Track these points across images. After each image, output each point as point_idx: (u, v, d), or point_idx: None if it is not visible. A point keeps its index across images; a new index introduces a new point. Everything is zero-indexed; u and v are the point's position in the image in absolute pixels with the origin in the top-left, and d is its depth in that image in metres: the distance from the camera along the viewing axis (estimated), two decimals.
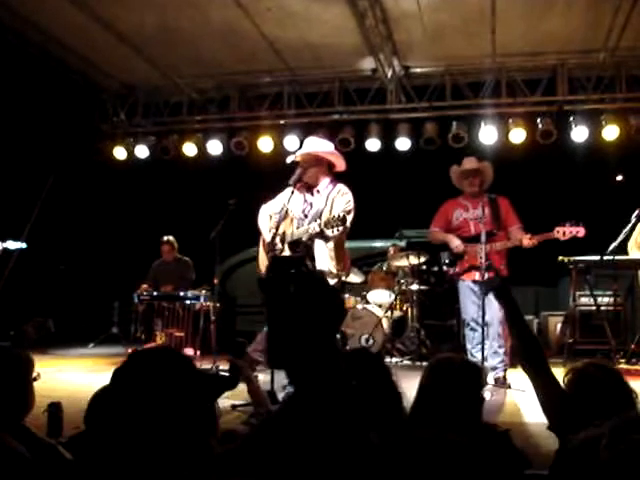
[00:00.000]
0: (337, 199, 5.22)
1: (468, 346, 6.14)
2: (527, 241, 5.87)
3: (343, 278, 5.44)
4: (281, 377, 5.22)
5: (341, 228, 4.83)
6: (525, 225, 6.24)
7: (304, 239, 5.14)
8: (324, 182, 5.35)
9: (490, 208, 6.07)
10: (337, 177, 5.50)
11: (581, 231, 5.79)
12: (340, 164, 5.48)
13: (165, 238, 8.82)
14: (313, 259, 5.12)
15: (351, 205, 5.20)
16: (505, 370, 5.99)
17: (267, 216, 5.41)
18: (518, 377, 5.79)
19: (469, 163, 6.37)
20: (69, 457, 1.97)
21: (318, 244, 5.11)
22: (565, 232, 5.79)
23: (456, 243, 6.11)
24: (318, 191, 5.32)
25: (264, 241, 5.44)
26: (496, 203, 6.18)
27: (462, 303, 6.28)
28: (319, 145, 5.49)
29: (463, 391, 2.31)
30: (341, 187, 5.32)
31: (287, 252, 5.17)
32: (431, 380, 2.38)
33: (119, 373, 1.81)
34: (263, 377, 5.09)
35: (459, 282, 6.21)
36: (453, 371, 2.36)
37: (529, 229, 6.19)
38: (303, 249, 5.17)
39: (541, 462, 2.31)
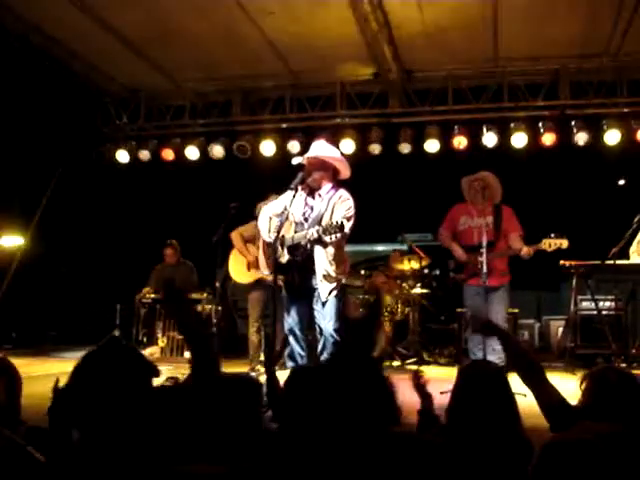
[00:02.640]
0: (338, 205, 5.22)
1: (470, 346, 6.35)
2: (525, 251, 6.02)
3: (343, 281, 5.44)
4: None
5: (339, 235, 4.84)
6: (526, 230, 6.36)
7: (302, 244, 5.16)
8: (326, 187, 5.35)
9: (493, 217, 6.28)
10: (339, 181, 5.50)
11: (564, 243, 5.93)
12: (345, 172, 5.47)
13: (168, 241, 8.83)
14: (313, 263, 5.14)
15: (351, 212, 5.21)
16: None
17: (267, 217, 5.41)
18: (518, 381, 5.78)
19: (476, 173, 6.56)
20: (41, 458, 1.96)
21: (317, 248, 5.13)
22: (551, 244, 5.94)
23: (459, 253, 6.35)
24: (320, 195, 5.32)
25: (264, 243, 5.44)
26: (499, 211, 6.36)
27: (467, 306, 6.54)
28: (327, 150, 5.49)
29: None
30: (342, 193, 5.32)
31: (286, 256, 5.18)
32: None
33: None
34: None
35: (465, 286, 6.40)
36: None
37: (530, 234, 6.31)
38: (302, 253, 5.19)
39: None
